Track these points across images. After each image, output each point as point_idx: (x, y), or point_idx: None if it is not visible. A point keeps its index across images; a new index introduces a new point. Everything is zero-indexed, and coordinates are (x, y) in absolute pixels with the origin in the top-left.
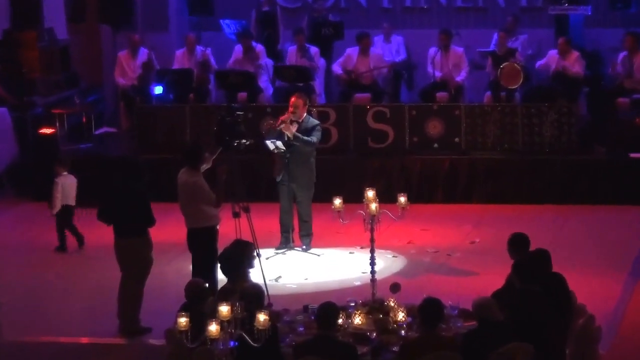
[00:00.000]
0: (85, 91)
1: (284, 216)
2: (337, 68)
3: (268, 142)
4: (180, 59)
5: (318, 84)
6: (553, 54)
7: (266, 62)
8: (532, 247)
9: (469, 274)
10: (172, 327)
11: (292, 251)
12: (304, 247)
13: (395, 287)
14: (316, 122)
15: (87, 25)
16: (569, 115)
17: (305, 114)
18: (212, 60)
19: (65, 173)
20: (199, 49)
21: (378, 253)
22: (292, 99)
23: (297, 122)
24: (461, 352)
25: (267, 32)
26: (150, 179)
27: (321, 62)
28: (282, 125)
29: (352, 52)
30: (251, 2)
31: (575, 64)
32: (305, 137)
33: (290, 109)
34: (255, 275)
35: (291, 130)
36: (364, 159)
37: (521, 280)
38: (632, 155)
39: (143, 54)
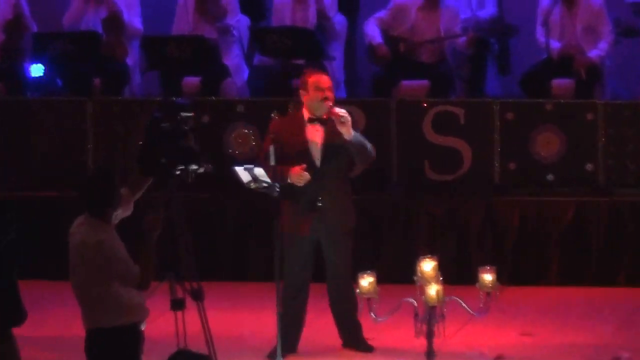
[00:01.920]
0: None
1: (293, 305)
2: (373, 29)
3: (239, 170)
4: (74, 14)
5: (337, 65)
6: None
7: (239, 21)
8: None
9: None
10: None
11: None
12: None
13: None
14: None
15: None
16: None
17: None
18: (135, 18)
19: None
20: None
21: None
22: (323, 79)
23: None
24: None
25: None
26: (17, 237)
27: (339, 20)
28: (343, 119)
29: (405, 0)
30: None
31: None
32: (366, 142)
33: (325, 95)
34: None
35: (349, 130)
36: (415, 201)
37: None
38: None
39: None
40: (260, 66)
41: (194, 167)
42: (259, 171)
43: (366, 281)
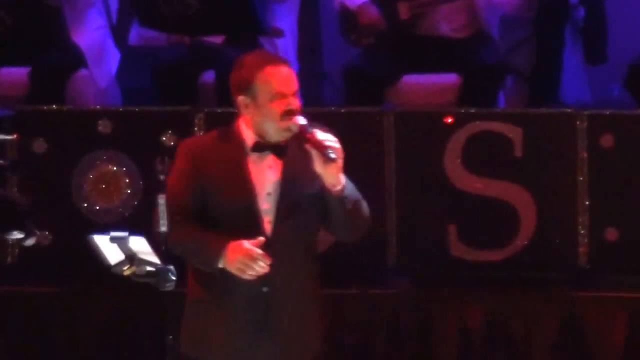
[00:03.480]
0: None
1: None
2: None
3: (102, 241)
4: None
5: (286, 45)
6: None
7: None
8: None
9: None
10: None
11: None
12: None
13: None
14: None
15: None
16: None
17: None
18: None
19: None
20: None
21: None
22: (284, 73)
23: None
24: None
25: None
26: None
27: None
28: (331, 152)
29: None
30: None
31: None
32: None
33: (290, 106)
34: None
35: (339, 174)
36: (433, 301)
37: None
38: None
39: None
40: (141, 48)
41: (17, 236)
42: (138, 244)
43: None
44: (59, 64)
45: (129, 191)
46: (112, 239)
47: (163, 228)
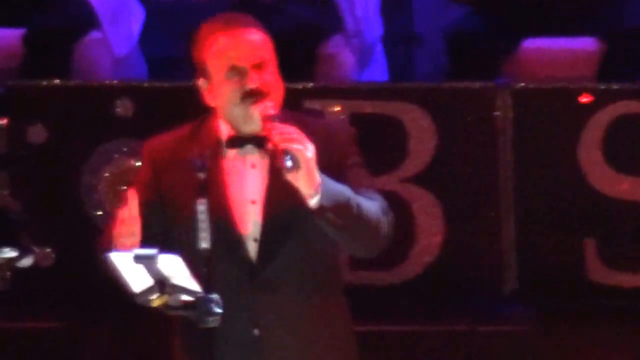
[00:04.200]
0: None
1: None
2: None
3: (124, 260)
4: None
5: None
6: None
7: None
8: None
9: None
10: None
11: None
12: None
13: None
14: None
15: None
16: None
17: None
18: None
19: None
20: None
21: None
22: (239, 38)
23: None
24: None
25: None
26: None
27: None
28: (289, 159)
29: None
30: None
31: None
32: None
33: (249, 87)
34: None
35: (310, 179)
36: (569, 341)
37: None
38: None
39: None
40: (173, 3)
41: (9, 254)
42: (172, 265)
43: None
44: (63, 25)
45: None
46: (137, 259)
47: (204, 244)
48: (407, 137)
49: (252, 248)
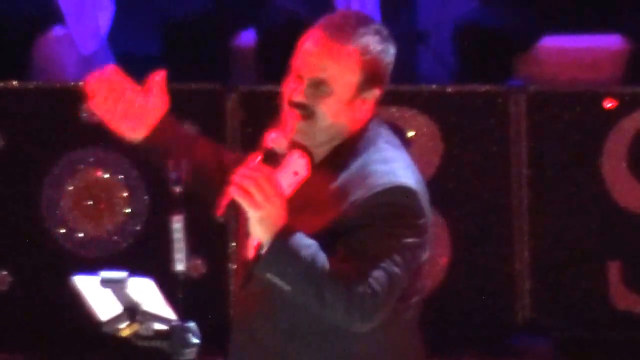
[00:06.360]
0: None
1: None
2: None
3: (89, 285)
4: None
5: None
6: None
7: None
8: None
9: None
10: None
11: None
12: None
13: None
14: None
15: None
16: None
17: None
18: None
19: None
20: None
21: None
22: (309, 39)
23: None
24: None
25: None
26: None
27: None
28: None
29: None
30: None
31: None
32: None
33: (292, 95)
34: None
35: (259, 234)
36: None
37: None
38: None
39: None
40: None
41: None
42: (143, 290)
43: None
44: (22, 18)
45: (128, 210)
46: (104, 283)
47: (180, 266)
48: (409, 147)
49: (250, 252)
